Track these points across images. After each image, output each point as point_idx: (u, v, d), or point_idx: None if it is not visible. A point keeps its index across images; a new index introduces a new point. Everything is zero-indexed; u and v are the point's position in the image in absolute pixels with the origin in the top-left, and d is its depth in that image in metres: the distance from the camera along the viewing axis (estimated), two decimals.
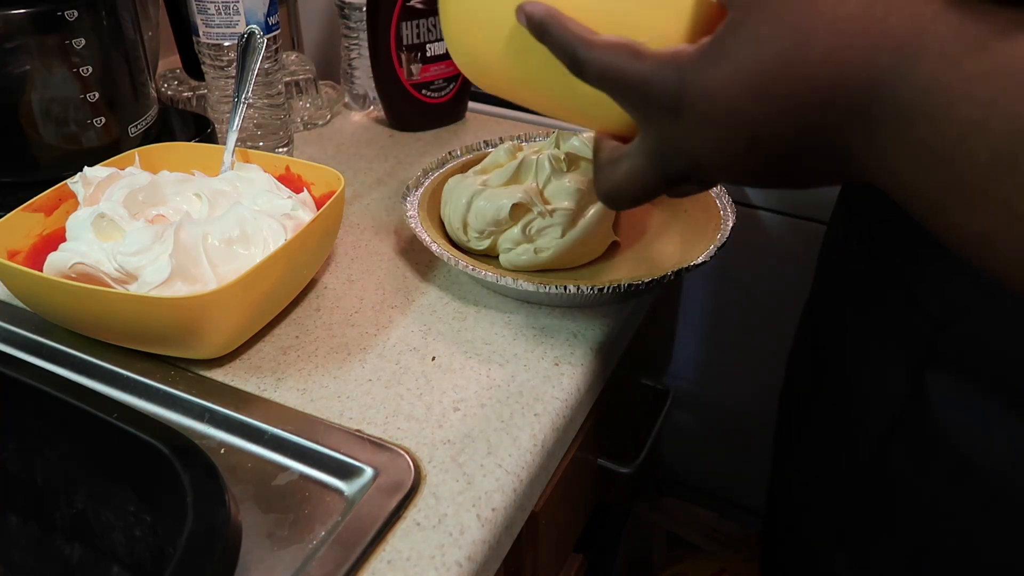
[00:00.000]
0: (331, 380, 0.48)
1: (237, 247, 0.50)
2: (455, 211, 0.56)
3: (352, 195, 0.70)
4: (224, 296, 0.45)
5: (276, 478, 0.42)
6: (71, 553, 0.46)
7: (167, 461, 0.38)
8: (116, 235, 0.50)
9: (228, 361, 0.50)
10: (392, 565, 0.37)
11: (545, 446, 0.45)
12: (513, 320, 0.53)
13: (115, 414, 0.40)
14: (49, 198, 0.54)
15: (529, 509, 0.45)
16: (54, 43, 0.59)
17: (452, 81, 0.82)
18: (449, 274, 0.58)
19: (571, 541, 0.63)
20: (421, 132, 0.83)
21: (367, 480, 0.41)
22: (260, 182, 0.56)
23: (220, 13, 0.65)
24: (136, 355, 0.49)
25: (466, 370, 0.49)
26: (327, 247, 0.56)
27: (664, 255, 0.58)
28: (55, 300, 0.48)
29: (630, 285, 0.50)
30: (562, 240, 0.54)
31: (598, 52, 0.33)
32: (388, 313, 0.54)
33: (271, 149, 0.73)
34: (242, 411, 0.45)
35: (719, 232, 0.56)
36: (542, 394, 0.47)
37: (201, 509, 0.35)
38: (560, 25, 0.35)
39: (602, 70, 0.33)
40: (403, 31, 0.76)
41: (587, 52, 0.34)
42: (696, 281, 0.92)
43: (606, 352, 0.52)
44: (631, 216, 0.62)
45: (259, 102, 0.70)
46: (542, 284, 0.51)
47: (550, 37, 0.35)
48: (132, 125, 0.67)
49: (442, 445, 0.44)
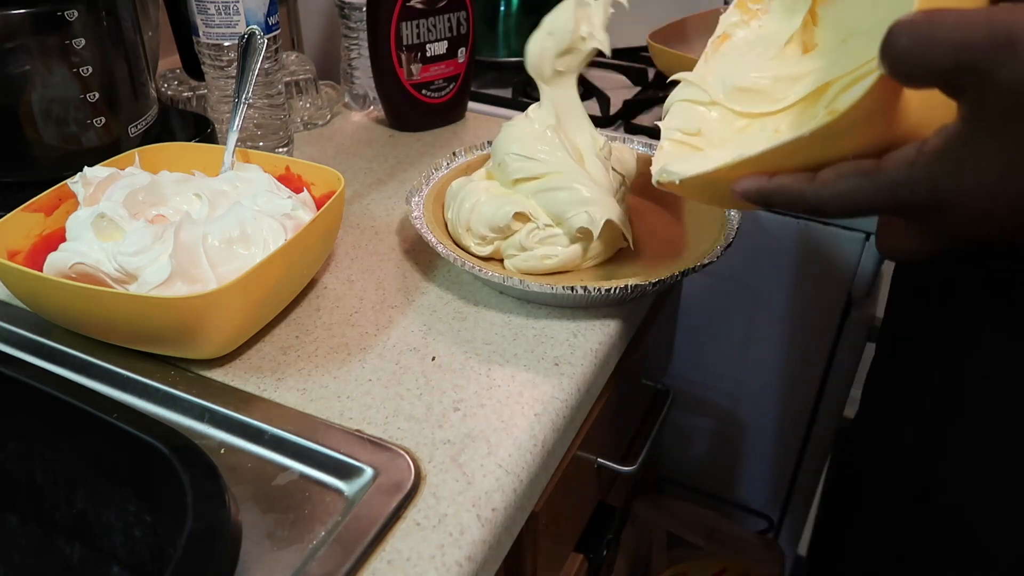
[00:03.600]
0: (331, 380, 0.48)
1: (237, 247, 0.50)
2: (458, 214, 0.56)
3: (352, 195, 0.70)
4: (224, 296, 0.45)
5: (276, 478, 0.42)
6: (71, 553, 0.46)
7: (167, 461, 0.38)
8: (116, 235, 0.50)
9: (228, 361, 0.50)
10: (392, 565, 0.37)
11: (545, 446, 0.45)
12: (513, 320, 0.53)
13: (115, 414, 0.40)
14: (49, 198, 0.54)
15: (529, 509, 0.45)
16: (54, 43, 0.59)
17: (452, 81, 0.82)
18: (449, 274, 0.58)
19: (571, 541, 0.63)
20: (421, 132, 0.83)
21: (367, 480, 0.41)
22: (260, 182, 0.56)
23: (220, 13, 0.65)
24: (136, 355, 0.49)
25: (466, 370, 0.49)
26: (327, 247, 0.56)
27: (669, 255, 0.58)
28: (55, 300, 0.48)
29: (636, 286, 0.50)
30: (568, 249, 0.54)
31: (826, 192, 0.33)
32: (388, 313, 0.54)
33: (271, 149, 0.73)
34: (242, 411, 0.45)
35: (724, 232, 0.56)
36: (542, 394, 0.47)
37: (201, 509, 0.35)
38: (778, 190, 0.35)
39: (841, 206, 0.33)
40: (403, 31, 0.76)
41: (816, 198, 0.34)
42: (696, 281, 0.92)
43: (606, 352, 0.52)
44: (635, 216, 0.62)
45: (259, 102, 0.70)
46: (549, 285, 0.51)
47: (777, 202, 0.36)
48: (132, 125, 0.67)
49: (442, 445, 0.44)
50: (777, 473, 1.05)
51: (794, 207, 0.35)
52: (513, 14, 0.96)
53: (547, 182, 0.54)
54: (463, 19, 0.79)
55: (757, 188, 0.36)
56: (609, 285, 0.50)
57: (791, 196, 0.35)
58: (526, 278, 0.52)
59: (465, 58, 0.82)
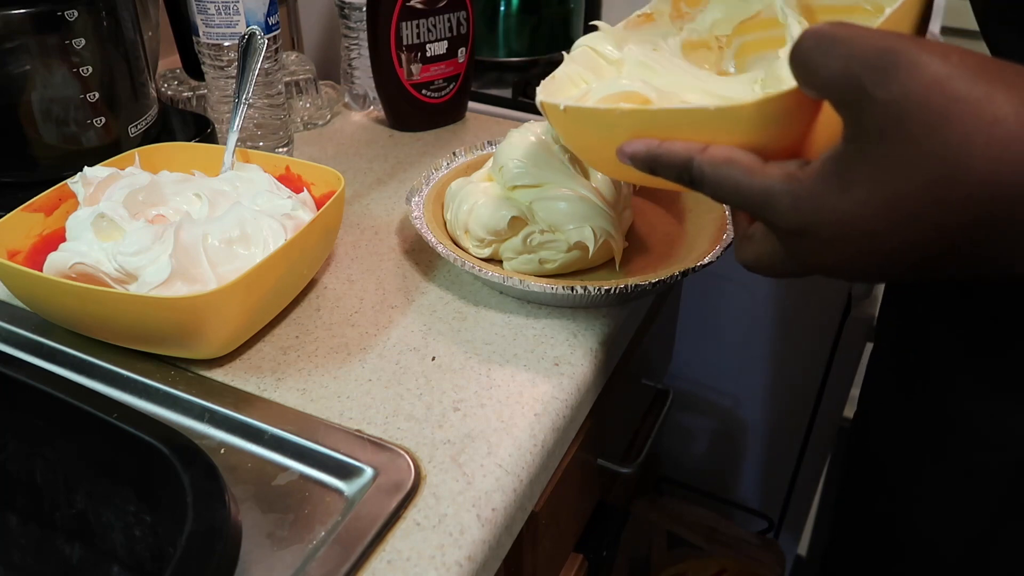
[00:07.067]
0: (331, 380, 0.48)
1: (237, 247, 0.50)
2: (456, 216, 0.56)
3: (352, 195, 0.70)
4: (224, 296, 0.45)
5: (276, 478, 0.42)
6: (71, 553, 0.46)
7: (167, 461, 0.38)
8: (116, 235, 0.50)
9: (228, 361, 0.50)
10: (392, 565, 0.37)
11: (545, 446, 0.45)
12: (513, 320, 0.53)
13: (115, 414, 0.40)
14: (49, 198, 0.54)
15: (529, 509, 0.45)
16: (54, 43, 0.59)
17: (452, 81, 0.82)
18: (449, 274, 0.58)
19: (571, 541, 0.63)
20: (421, 132, 0.83)
21: (367, 480, 0.41)
22: (260, 182, 0.56)
23: (220, 13, 0.65)
24: (136, 355, 0.49)
25: (466, 370, 0.49)
26: (327, 247, 0.56)
27: (669, 255, 0.58)
28: (55, 300, 0.48)
29: (636, 286, 0.50)
30: (566, 255, 0.54)
31: (709, 170, 0.33)
32: (388, 313, 0.54)
33: (271, 149, 0.73)
34: (242, 411, 0.45)
35: (725, 232, 0.56)
36: (542, 394, 0.47)
37: (201, 509, 0.35)
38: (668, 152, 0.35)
39: (716, 190, 0.33)
40: (403, 31, 0.76)
41: (699, 171, 0.34)
42: (696, 281, 0.92)
43: (606, 352, 0.52)
44: (635, 216, 0.62)
45: (259, 102, 0.70)
46: (549, 285, 0.51)
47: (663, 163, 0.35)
48: (132, 125, 0.67)
49: (442, 445, 0.44)
50: (777, 473, 1.05)
51: (679, 174, 0.35)
52: (513, 14, 0.96)
53: (546, 191, 0.54)
54: (463, 19, 0.79)
55: (646, 149, 0.35)
56: (609, 285, 0.50)
57: (678, 160, 0.34)
58: (526, 278, 0.52)
59: (465, 58, 0.82)
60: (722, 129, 0.33)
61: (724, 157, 0.33)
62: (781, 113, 0.32)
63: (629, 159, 0.36)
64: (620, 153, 0.37)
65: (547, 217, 0.53)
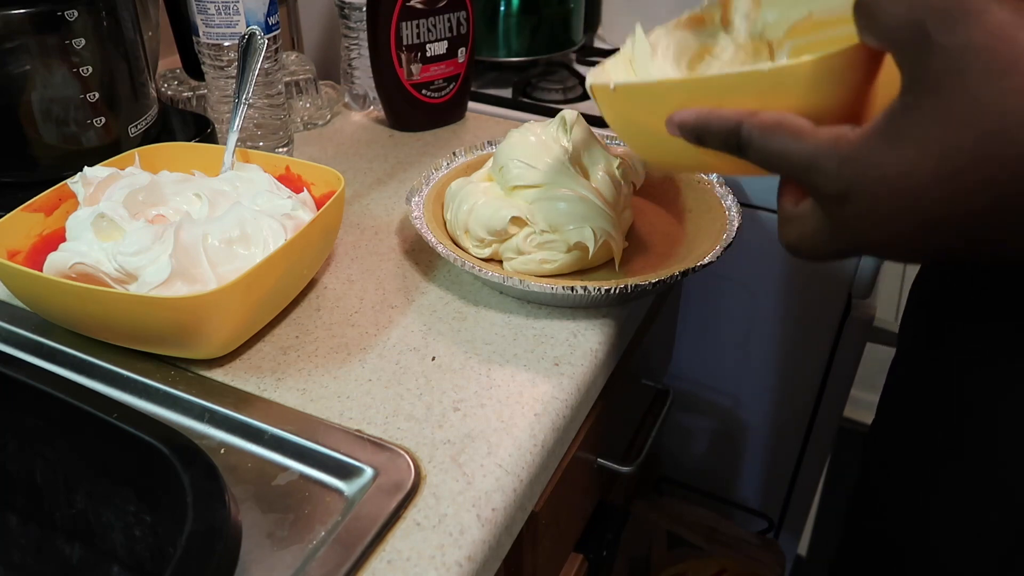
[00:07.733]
0: (331, 380, 0.48)
1: (237, 247, 0.50)
2: (456, 216, 0.57)
3: (352, 195, 0.70)
4: (224, 296, 0.45)
5: (276, 478, 0.42)
6: (71, 553, 0.47)
7: (167, 461, 0.38)
8: (116, 235, 0.50)
9: (228, 361, 0.50)
10: (392, 565, 0.37)
11: (545, 446, 0.45)
12: (513, 320, 0.53)
13: (115, 414, 0.40)
14: (49, 198, 0.54)
15: (529, 509, 0.45)
16: (54, 43, 0.59)
17: (452, 81, 0.82)
18: (449, 274, 0.58)
19: (571, 541, 0.63)
20: (421, 132, 0.83)
21: (367, 480, 0.41)
22: (260, 182, 0.56)
23: (220, 13, 0.65)
24: (136, 355, 0.49)
25: (466, 370, 0.49)
26: (327, 247, 0.56)
27: (669, 255, 0.58)
28: (55, 300, 0.48)
29: (637, 286, 0.50)
30: (566, 255, 0.54)
31: (757, 133, 0.32)
32: (388, 313, 0.54)
33: (271, 149, 0.73)
34: (242, 411, 0.45)
35: (725, 232, 0.56)
36: (542, 394, 0.47)
37: (201, 509, 0.35)
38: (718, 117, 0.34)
39: (764, 155, 0.33)
40: (403, 31, 0.76)
41: (748, 135, 0.33)
42: (696, 281, 0.92)
43: (606, 352, 0.52)
44: (635, 216, 0.62)
45: (259, 102, 0.70)
46: (549, 285, 0.51)
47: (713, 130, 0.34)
48: (132, 125, 0.67)
49: (442, 445, 0.44)
50: (777, 473, 1.05)
51: (726, 140, 0.34)
52: (513, 14, 0.96)
53: (546, 191, 0.54)
54: (463, 19, 0.79)
55: (696, 116, 0.35)
56: (609, 285, 0.50)
57: (728, 125, 0.33)
58: (526, 278, 0.52)
59: (465, 58, 0.82)
60: (777, 92, 0.33)
61: (774, 120, 0.32)
62: (838, 73, 0.31)
63: (678, 127, 0.35)
64: (669, 123, 0.36)
65: (547, 217, 0.53)
